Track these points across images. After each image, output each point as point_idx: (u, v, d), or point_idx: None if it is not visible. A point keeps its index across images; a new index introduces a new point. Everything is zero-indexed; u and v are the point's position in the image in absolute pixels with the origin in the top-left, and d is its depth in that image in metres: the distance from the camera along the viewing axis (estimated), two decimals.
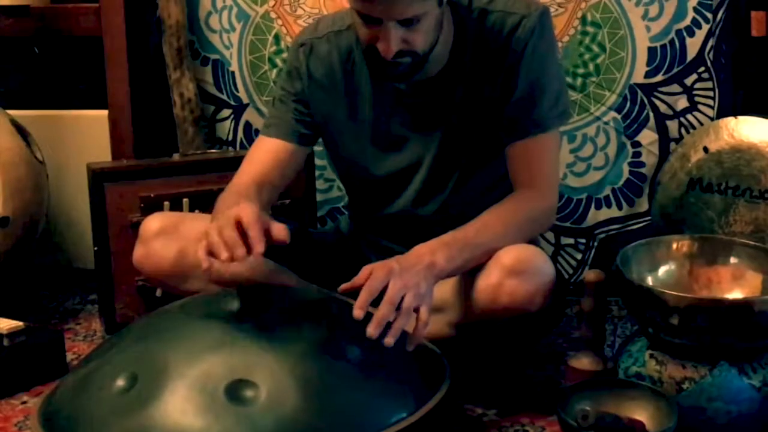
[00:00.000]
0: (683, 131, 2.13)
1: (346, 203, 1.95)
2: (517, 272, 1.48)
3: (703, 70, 2.11)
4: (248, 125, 2.29)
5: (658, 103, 2.14)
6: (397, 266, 1.39)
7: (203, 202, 1.95)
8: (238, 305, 1.38)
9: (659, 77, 2.12)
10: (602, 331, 1.60)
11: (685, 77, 2.12)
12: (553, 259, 1.77)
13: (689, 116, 2.13)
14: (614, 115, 2.15)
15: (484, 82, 1.62)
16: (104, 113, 2.26)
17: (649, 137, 2.15)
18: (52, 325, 2.07)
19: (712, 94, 2.11)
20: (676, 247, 1.63)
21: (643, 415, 1.39)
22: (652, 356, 1.49)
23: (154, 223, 1.69)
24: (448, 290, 1.55)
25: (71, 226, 2.38)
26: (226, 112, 2.30)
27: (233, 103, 2.29)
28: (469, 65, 1.62)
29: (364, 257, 1.76)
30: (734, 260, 1.60)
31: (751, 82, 2.12)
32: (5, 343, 1.72)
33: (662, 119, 2.14)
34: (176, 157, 2.09)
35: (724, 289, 1.59)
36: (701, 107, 2.12)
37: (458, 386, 1.44)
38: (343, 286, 1.39)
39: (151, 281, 1.84)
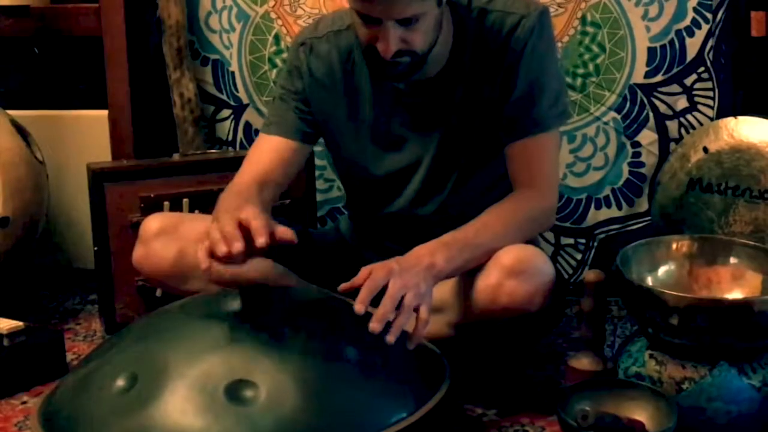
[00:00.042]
0: (683, 131, 2.13)
1: (345, 203, 1.94)
2: (516, 272, 1.48)
3: (702, 70, 2.11)
4: (248, 125, 2.29)
5: (657, 103, 2.14)
6: (396, 266, 1.39)
7: (203, 202, 1.95)
8: (238, 305, 1.38)
9: (659, 77, 2.12)
10: (602, 331, 1.60)
11: (684, 77, 2.12)
12: (552, 259, 1.77)
13: (689, 116, 2.13)
14: (614, 115, 2.15)
15: (483, 81, 1.62)
16: (104, 113, 2.26)
17: (648, 137, 2.15)
18: (52, 325, 2.07)
19: (711, 94, 2.11)
20: (675, 247, 1.63)
21: (642, 415, 1.39)
22: (651, 356, 1.49)
23: (153, 223, 1.69)
24: (447, 290, 1.55)
25: (71, 226, 2.38)
26: (226, 112, 2.30)
27: (233, 103, 2.29)
28: (468, 65, 1.62)
29: (363, 258, 1.76)
30: (734, 260, 1.60)
31: (750, 82, 2.11)
32: (5, 343, 1.72)
33: (662, 119, 2.14)
34: (176, 157, 2.09)
35: (723, 289, 1.59)
36: (701, 107, 2.12)
37: (458, 386, 1.44)
38: (342, 285, 1.39)
39: (150, 281, 1.84)
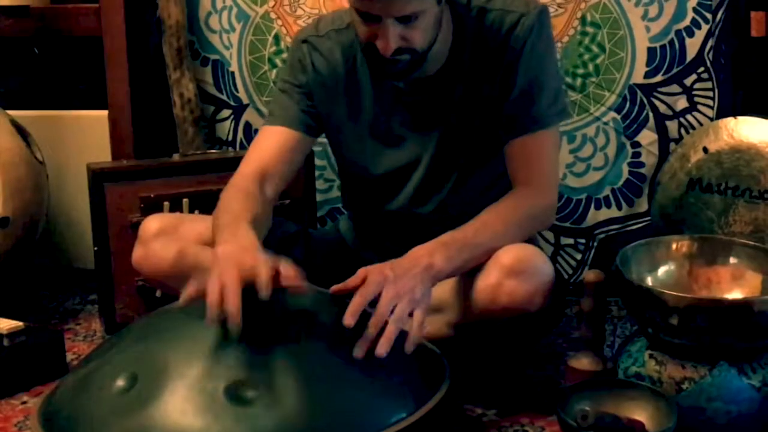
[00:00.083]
0: (683, 131, 2.13)
1: (343, 203, 1.94)
2: (516, 272, 1.48)
3: (702, 70, 2.11)
4: (248, 125, 2.29)
5: (657, 103, 2.14)
6: (391, 273, 1.37)
7: (203, 202, 1.95)
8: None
9: (659, 77, 2.12)
10: (602, 331, 1.60)
11: (684, 77, 2.12)
12: (552, 259, 1.77)
13: (689, 116, 2.13)
14: (614, 115, 2.15)
15: (483, 80, 1.62)
16: (104, 113, 2.26)
17: (648, 137, 2.15)
18: (52, 325, 2.07)
19: (711, 94, 2.11)
20: (675, 247, 1.63)
21: (642, 415, 1.39)
22: (651, 356, 1.49)
23: (153, 223, 1.68)
24: (447, 290, 1.55)
25: (71, 226, 2.38)
26: (225, 112, 2.30)
27: (233, 103, 2.29)
28: (468, 63, 1.62)
29: (363, 258, 1.76)
30: (734, 260, 1.60)
31: (750, 82, 2.11)
32: (5, 343, 1.72)
33: (662, 119, 2.14)
34: (176, 157, 2.09)
35: (723, 289, 1.59)
36: (701, 107, 2.12)
37: (458, 386, 1.44)
38: (335, 287, 1.39)
39: (150, 282, 1.84)
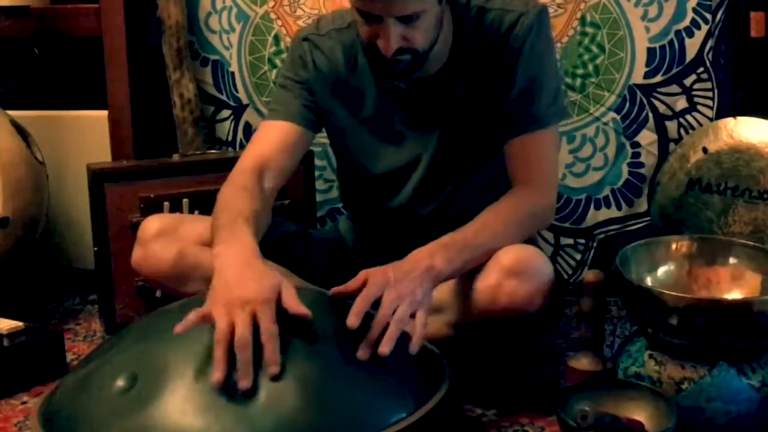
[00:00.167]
0: (682, 132, 2.13)
1: (343, 203, 1.94)
2: (516, 273, 1.48)
3: (702, 70, 2.11)
4: (248, 126, 2.29)
5: (657, 103, 2.14)
6: (392, 275, 1.38)
7: (203, 202, 1.95)
8: None
9: (658, 78, 2.12)
10: (601, 331, 1.60)
11: (684, 78, 2.12)
12: (552, 259, 1.77)
13: (688, 117, 2.13)
14: (613, 115, 2.15)
15: (483, 79, 1.62)
16: (104, 114, 2.26)
17: (648, 138, 2.15)
18: (52, 325, 2.07)
19: (711, 94, 2.11)
20: (675, 247, 1.63)
21: (642, 415, 1.39)
22: (651, 356, 1.49)
23: (153, 224, 1.68)
24: (447, 291, 1.55)
25: (71, 226, 2.38)
26: (225, 112, 2.30)
27: (233, 103, 2.29)
28: (468, 63, 1.62)
29: (362, 258, 1.76)
30: (733, 261, 1.60)
31: (750, 82, 2.11)
32: (5, 343, 1.72)
33: (661, 120, 2.14)
34: (176, 157, 2.09)
35: (723, 289, 1.59)
36: (700, 108, 2.12)
37: (458, 386, 1.44)
38: (335, 289, 1.39)
39: (149, 282, 1.84)
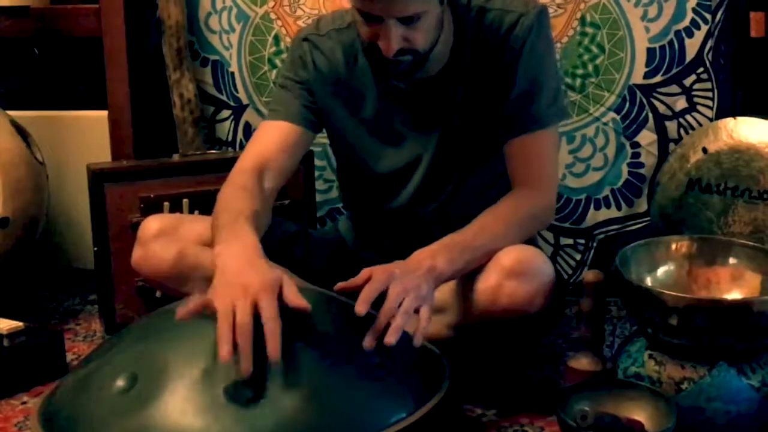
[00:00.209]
0: (682, 132, 2.13)
1: (342, 203, 1.94)
2: (516, 274, 1.48)
3: (702, 70, 2.11)
4: (248, 126, 2.29)
5: (657, 103, 2.14)
6: (397, 270, 1.39)
7: (203, 202, 1.95)
8: None
9: (658, 78, 2.12)
10: (601, 331, 1.60)
11: (684, 78, 2.12)
12: (552, 259, 1.77)
13: (688, 117, 2.13)
14: (613, 115, 2.15)
15: (483, 80, 1.62)
16: (104, 114, 2.26)
17: (648, 138, 2.15)
18: (52, 325, 2.07)
19: (711, 94, 2.12)
20: (675, 247, 1.63)
21: (642, 415, 1.39)
22: (651, 356, 1.49)
23: (152, 224, 1.67)
24: (448, 292, 1.55)
25: (71, 226, 2.38)
26: (225, 112, 2.30)
27: (233, 103, 2.29)
28: (468, 63, 1.62)
29: (362, 258, 1.76)
30: (733, 261, 1.60)
31: (750, 82, 2.12)
32: (5, 343, 1.72)
33: (661, 120, 2.14)
34: (176, 157, 2.09)
35: (723, 289, 1.59)
36: (700, 108, 2.12)
37: (458, 387, 1.44)
38: (339, 285, 1.39)
39: (149, 283, 1.84)
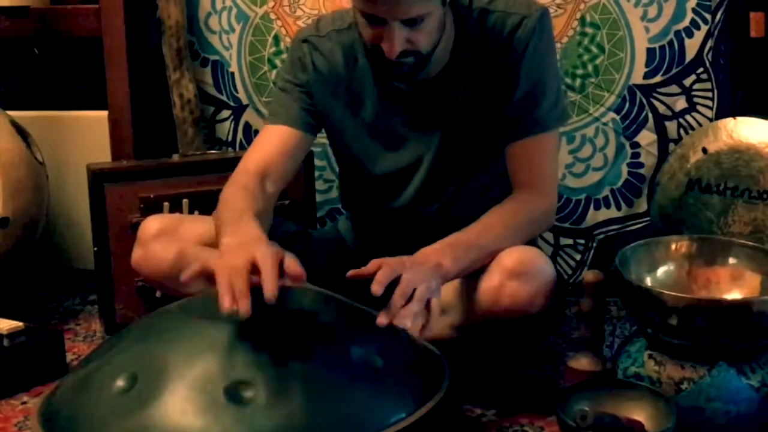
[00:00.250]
0: (682, 132, 2.13)
1: (342, 203, 1.94)
2: (518, 274, 1.49)
3: (701, 71, 2.11)
4: (248, 126, 2.29)
5: (656, 104, 2.14)
6: (409, 262, 1.40)
7: (203, 202, 1.95)
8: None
9: (658, 78, 2.12)
10: (601, 331, 1.60)
11: (683, 78, 2.12)
12: (552, 259, 1.77)
13: (688, 117, 2.13)
14: (613, 116, 2.15)
15: (484, 81, 1.62)
16: (104, 114, 2.26)
17: (647, 138, 2.15)
18: (52, 325, 2.07)
19: (710, 94, 2.12)
20: (674, 247, 1.63)
21: (641, 415, 1.39)
22: (650, 357, 1.49)
23: (152, 224, 1.68)
24: (450, 292, 1.55)
25: (71, 226, 2.38)
26: (225, 113, 2.30)
27: (233, 104, 2.29)
28: (469, 65, 1.62)
29: (363, 258, 1.76)
30: (733, 261, 1.60)
31: (749, 82, 2.12)
32: (5, 343, 1.72)
33: (661, 120, 2.14)
34: (176, 157, 2.09)
35: (722, 289, 1.59)
36: (700, 108, 2.13)
37: (457, 387, 1.44)
38: (351, 272, 1.39)
39: (149, 283, 1.84)
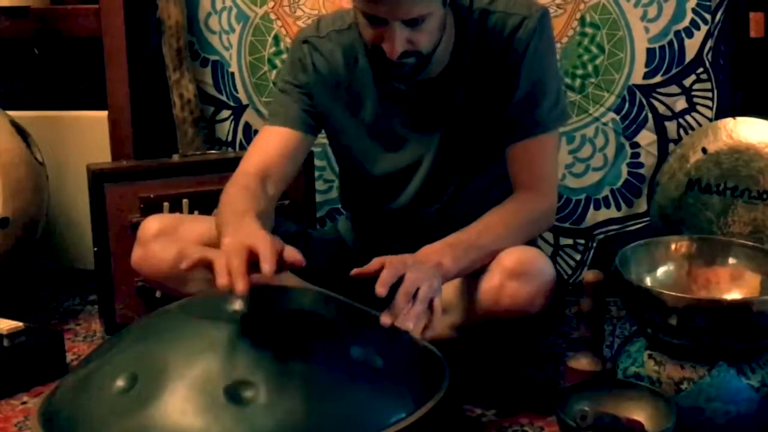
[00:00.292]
0: (682, 132, 2.13)
1: (342, 203, 1.94)
2: (518, 274, 1.49)
3: (701, 71, 2.11)
4: (248, 126, 2.29)
5: (656, 104, 2.14)
6: (411, 260, 1.40)
7: (203, 202, 1.96)
8: (238, 306, 1.38)
9: (658, 78, 2.13)
10: (601, 331, 1.60)
11: (683, 78, 2.12)
12: (552, 259, 1.77)
13: (688, 117, 2.13)
14: (613, 116, 2.15)
15: (485, 82, 1.62)
16: (104, 114, 2.26)
17: (647, 138, 2.15)
18: (52, 325, 2.07)
19: (710, 95, 2.12)
20: (674, 247, 1.63)
21: (641, 415, 1.40)
22: (650, 357, 1.49)
23: (152, 224, 1.68)
24: (450, 292, 1.55)
25: (71, 226, 2.38)
26: (225, 113, 2.30)
27: (233, 104, 2.29)
28: (470, 65, 1.62)
29: (363, 258, 1.76)
30: (733, 261, 1.60)
31: (749, 83, 2.12)
32: (5, 343, 1.72)
33: (661, 120, 2.14)
34: (176, 157, 2.09)
35: (722, 289, 1.59)
36: (700, 108, 2.13)
37: (457, 387, 1.44)
38: (354, 271, 1.39)
39: (149, 283, 1.84)
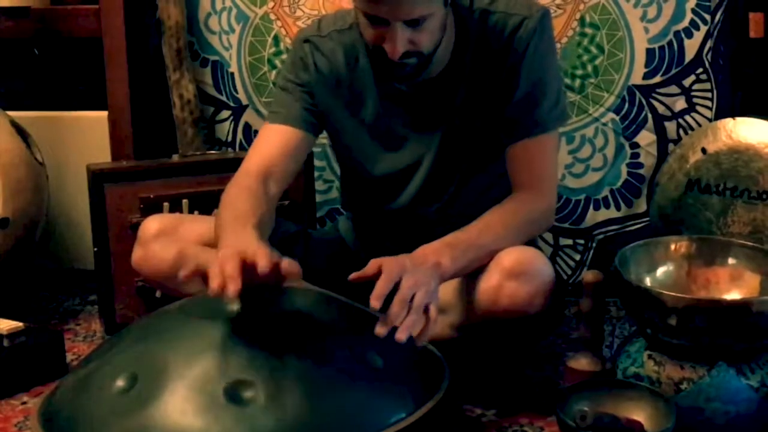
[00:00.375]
0: (681, 132, 2.13)
1: (342, 203, 1.94)
2: (517, 274, 1.49)
3: (701, 71, 2.11)
4: (247, 126, 2.29)
5: (656, 104, 2.14)
6: (408, 263, 1.39)
7: (203, 203, 1.96)
8: (238, 306, 1.38)
9: (657, 78, 2.13)
10: (601, 331, 1.60)
11: (683, 78, 2.12)
12: (551, 259, 1.78)
13: (687, 117, 2.13)
14: (613, 116, 2.15)
15: (485, 82, 1.62)
16: (104, 114, 2.26)
17: (647, 138, 2.15)
18: (52, 325, 2.07)
19: (710, 95, 2.12)
20: (674, 248, 1.63)
21: (641, 415, 1.40)
22: (650, 357, 1.49)
23: (152, 224, 1.68)
24: (449, 292, 1.55)
25: (71, 226, 2.38)
26: (225, 113, 2.30)
27: (232, 104, 2.30)
28: (470, 65, 1.62)
29: (363, 258, 1.76)
30: (732, 261, 1.60)
31: (749, 83, 2.12)
32: (5, 343, 1.72)
33: (660, 120, 2.15)
34: (176, 158, 2.09)
35: (722, 289, 1.59)
36: (699, 108, 2.13)
37: (457, 387, 1.44)
38: (353, 275, 1.38)
39: (149, 283, 1.84)
